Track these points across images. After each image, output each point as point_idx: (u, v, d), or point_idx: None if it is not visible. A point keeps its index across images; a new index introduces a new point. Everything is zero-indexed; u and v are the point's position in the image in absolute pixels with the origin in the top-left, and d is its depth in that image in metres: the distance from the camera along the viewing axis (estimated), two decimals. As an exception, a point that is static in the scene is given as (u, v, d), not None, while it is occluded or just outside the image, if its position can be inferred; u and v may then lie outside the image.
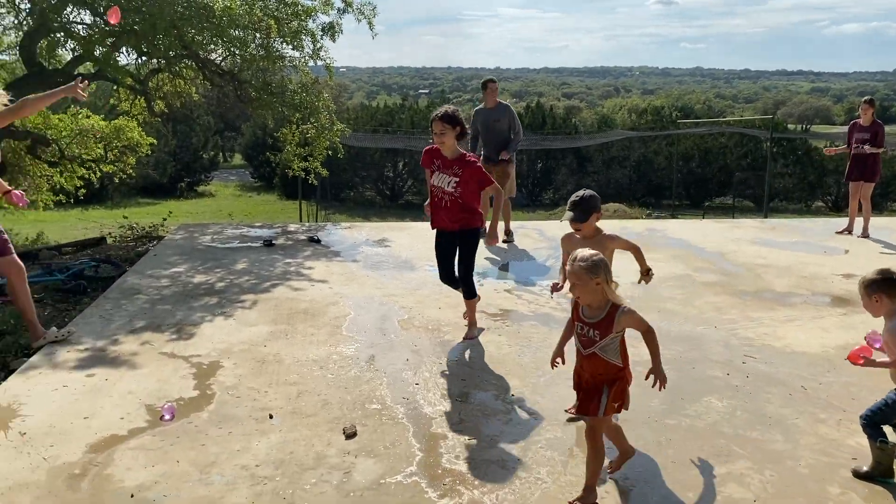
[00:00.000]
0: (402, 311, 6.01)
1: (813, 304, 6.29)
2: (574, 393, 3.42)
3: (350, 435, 3.81)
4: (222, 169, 49.38)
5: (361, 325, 5.64)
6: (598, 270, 3.11)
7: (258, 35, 9.05)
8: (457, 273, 5.34)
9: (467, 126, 5.21)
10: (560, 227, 10.16)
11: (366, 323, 5.71)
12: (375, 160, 38.29)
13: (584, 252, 3.16)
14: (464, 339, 5.33)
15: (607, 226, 10.12)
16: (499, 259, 7.92)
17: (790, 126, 53.87)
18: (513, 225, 10.46)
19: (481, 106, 8.79)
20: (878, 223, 10.72)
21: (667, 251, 8.22)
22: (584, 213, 3.99)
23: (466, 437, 3.86)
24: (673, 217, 26.53)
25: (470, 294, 5.33)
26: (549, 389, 4.45)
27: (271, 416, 4.06)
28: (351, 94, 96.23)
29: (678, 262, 7.70)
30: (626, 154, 39.93)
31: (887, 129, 10.10)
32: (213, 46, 9.16)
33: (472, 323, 5.44)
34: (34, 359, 4.89)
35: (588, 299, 3.18)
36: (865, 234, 9.15)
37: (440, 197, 5.16)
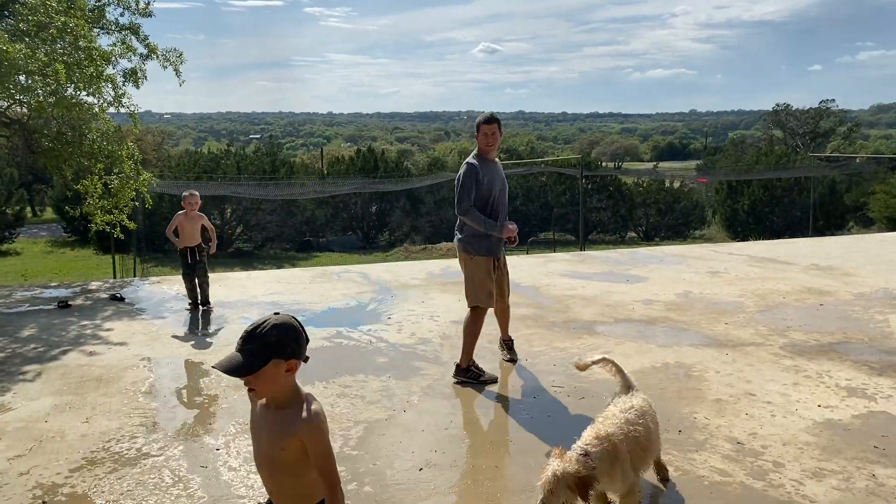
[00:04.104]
0: (210, 369, 5.66)
1: (615, 331, 6.65)
2: (388, 445, 3.31)
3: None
4: (32, 224, 45.31)
5: (161, 390, 5.24)
6: None
7: (47, 80, 8.36)
8: None
9: None
10: (386, 269, 10.19)
11: (166, 386, 5.31)
12: (200, 208, 36.75)
13: None
14: None
15: (437, 266, 10.29)
16: (320, 304, 7.73)
17: (604, 164, 58.06)
18: (337, 269, 10.34)
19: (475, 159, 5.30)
20: (676, 251, 11.67)
21: (485, 288, 8.40)
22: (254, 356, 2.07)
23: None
24: (502, 253, 27.48)
25: None
26: (362, 442, 4.31)
27: (44, 503, 3.61)
28: (176, 140, 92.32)
29: (495, 299, 7.88)
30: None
31: (684, 164, 10.98)
32: (-7, 93, 8.34)
33: None
34: None
35: None
36: None
37: None
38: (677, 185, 44.15)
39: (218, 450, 4.21)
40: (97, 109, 9.78)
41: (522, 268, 9.81)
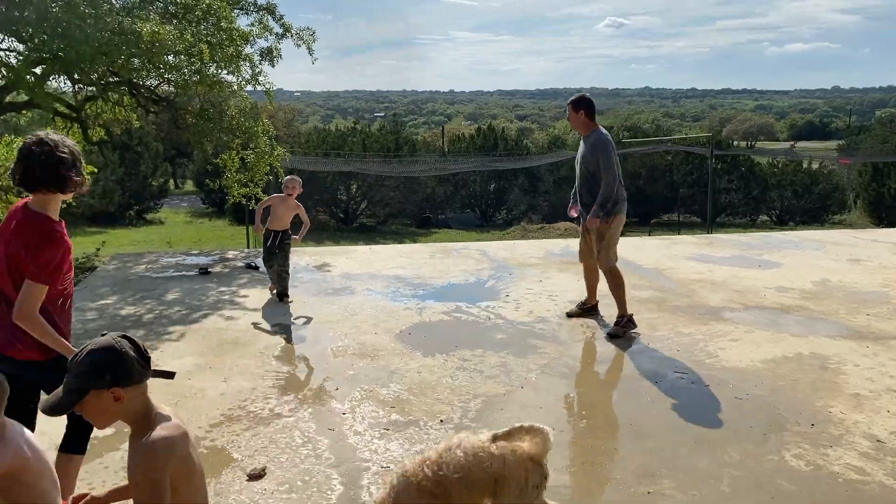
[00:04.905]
0: (337, 337, 5.91)
1: (744, 318, 6.37)
2: (506, 420, 3.35)
3: (255, 476, 3.65)
4: (174, 195, 48.58)
5: (292, 354, 5.53)
6: None
7: (192, 60, 8.91)
8: None
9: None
10: (503, 247, 10.21)
11: (297, 351, 5.60)
12: (328, 183, 38.09)
13: None
14: None
15: (556, 245, 10.20)
16: (440, 279, 7.87)
17: (735, 143, 55.28)
18: (457, 245, 10.46)
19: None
20: (813, 236, 11.00)
21: (606, 269, 8.26)
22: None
23: (392, 467, 3.77)
24: (621, 235, 26.87)
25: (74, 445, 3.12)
26: (480, 415, 4.39)
27: (188, 453, 3.91)
28: (306, 118, 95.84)
29: (616, 280, 7.74)
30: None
31: (824, 144, 10.31)
32: (144, 73, 8.99)
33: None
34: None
35: None
36: None
37: None
38: (816, 166, 41.40)
39: (344, 414, 4.41)
40: (236, 87, 10.35)
41: (645, 250, 9.56)
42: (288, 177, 7.40)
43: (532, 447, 2.80)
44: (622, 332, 5.86)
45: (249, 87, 10.48)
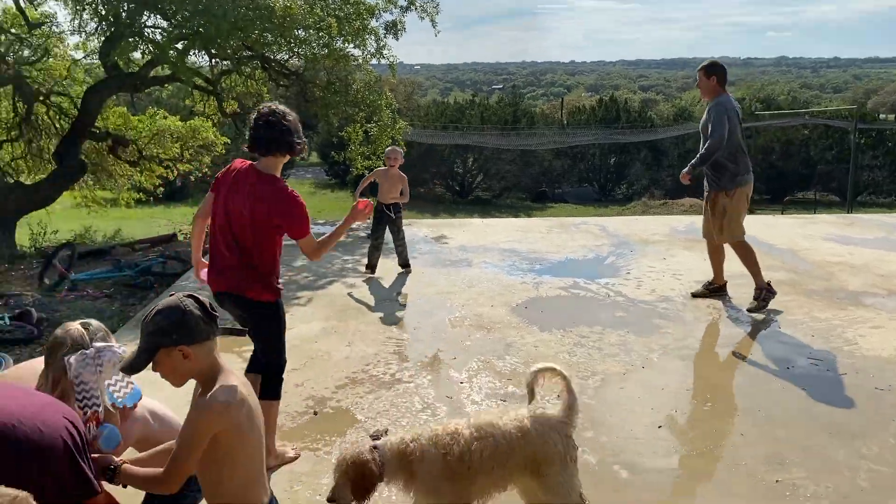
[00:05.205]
0: (454, 308, 5.99)
1: (887, 304, 5.93)
2: (626, 399, 3.30)
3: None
4: (299, 167, 50.48)
5: (412, 323, 5.66)
6: None
7: (320, 34, 9.18)
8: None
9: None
10: (624, 223, 9.96)
11: (416, 320, 5.72)
12: (445, 156, 38.44)
13: None
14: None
15: (681, 222, 9.84)
16: (557, 254, 7.80)
17: (882, 116, 51.14)
18: (575, 220, 10.30)
19: None
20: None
21: (734, 248, 7.90)
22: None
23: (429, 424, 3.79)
24: (750, 212, 25.62)
25: (268, 392, 3.43)
26: (599, 392, 4.33)
27: (315, 413, 4.11)
28: (425, 91, 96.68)
29: (745, 260, 7.39)
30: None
31: None
32: (276, 47, 9.35)
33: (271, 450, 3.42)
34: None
35: None
36: None
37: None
38: (977, 141, 37.67)
39: (462, 383, 4.48)
40: (361, 61, 10.58)
41: (778, 228, 9.07)
42: (389, 147, 7.34)
43: (560, 417, 2.77)
44: (762, 305, 5.70)
45: (374, 61, 10.68)
